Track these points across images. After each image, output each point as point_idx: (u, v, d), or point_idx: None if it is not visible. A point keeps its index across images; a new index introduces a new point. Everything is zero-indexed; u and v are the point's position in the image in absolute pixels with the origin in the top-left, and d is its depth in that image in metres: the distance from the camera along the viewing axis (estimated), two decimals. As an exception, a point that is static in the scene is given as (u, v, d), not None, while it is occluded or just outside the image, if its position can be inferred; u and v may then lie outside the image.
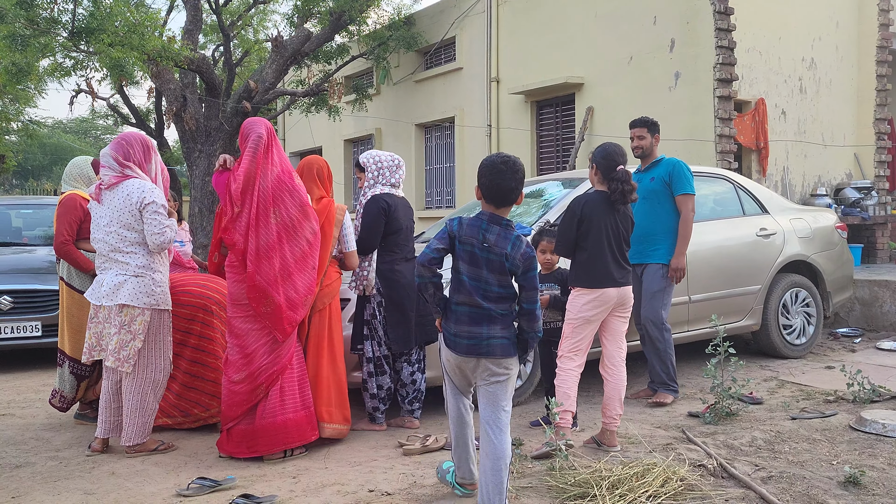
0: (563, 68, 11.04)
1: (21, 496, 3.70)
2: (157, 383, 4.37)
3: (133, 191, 4.25)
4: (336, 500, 3.54)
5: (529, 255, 3.20)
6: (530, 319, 3.23)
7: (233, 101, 11.78)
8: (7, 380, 6.69)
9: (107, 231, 4.29)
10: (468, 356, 3.22)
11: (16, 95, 17.54)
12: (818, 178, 10.79)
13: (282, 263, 4.19)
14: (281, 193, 4.24)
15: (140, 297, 4.26)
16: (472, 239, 3.22)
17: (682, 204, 5.28)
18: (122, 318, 4.25)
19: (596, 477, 3.54)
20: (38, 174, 34.29)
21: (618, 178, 4.15)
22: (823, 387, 5.57)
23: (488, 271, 3.20)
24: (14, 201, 10.30)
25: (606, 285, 4.14)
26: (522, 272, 3.20)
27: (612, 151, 4.24)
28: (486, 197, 3.26)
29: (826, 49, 10.87)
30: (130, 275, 4.26)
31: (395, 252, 4.78)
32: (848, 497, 3.44)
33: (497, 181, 3.21)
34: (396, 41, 13.51)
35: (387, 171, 4.87)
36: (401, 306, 4.71)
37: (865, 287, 8.14)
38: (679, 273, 5.22)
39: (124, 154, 4.34)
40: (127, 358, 4.25)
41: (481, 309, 3.19)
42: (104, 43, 9.39)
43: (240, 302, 4.26)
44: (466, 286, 3.21)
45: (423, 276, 3.25)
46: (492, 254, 3.19)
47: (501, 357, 3.20)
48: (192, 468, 4.11)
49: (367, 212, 4.75)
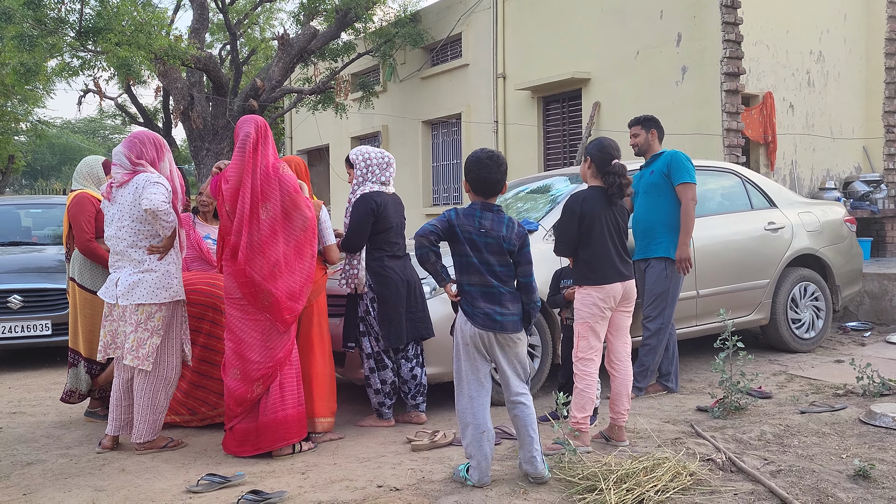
0: (570, 64, 11.02)
1: (32, 493, 3.73)
2: (168, 381, 4.38)
3: (141, 182, 4.25)
4: (345, 495, 3.55)
5: (523, 234, 3.63)
6: (528, 292, 3.66)
7: (240, 99, 11.81)
8: (17, 378, 6.73)
9: (119, 226, 4.29)
10: (484, 329, 3.56)
11: (24, 96, 17.66)
12: (827, 172, 10.74)
13: (276, 257, 4.19)
14: (268, 187, 4.23)
15: (157, 293, 4.26)
16: (469, 227, 3.58)
17: (682, 193, 5.25)
18: (139, 317, 4.25)
19: (604, 470, 3.54)
20: (47, 174, 34.48)
21: (614, 171, 4.12)
22: (833, 381, 5.56)
23: (488, 253, 3.57)
24: (23, 201, 10.36)
25: (613, 280, 4.13)
26: (518, 249, 3.61)
27: (607, 145, 4.21)
28: (475, 189, 3.66)
29: (834, 42, 10.81)
30: (145, 272, 4.26)
31: (385, 249, 4.78)
32: (857, 490, 3.42)
33: (484, 174, 3.61)
34: (402, 38, 13.52)
35: (376, 168, 4.86)
36: (392, 303, 4.71)
37: (875, 281, 8.10)
38: (684, 264, 5.20)
39: (137, 153, 4.34)
40: (147, 356, 4.25)
41: (491, 287, 3.57)
42: (111, 42, 9.44)
43: (233, 296, 4.26)
44: (476, 266, 3.57)
45: (423, 245, 3.56)
46: (489, 238, 3.57)
47: (512, 332, 3.60)
48: (202, 465, 4.12)
49: (355, 210, 4.75)
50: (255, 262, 4.16)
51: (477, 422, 3.59)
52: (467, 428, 3.61)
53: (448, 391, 5.28)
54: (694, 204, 5.26)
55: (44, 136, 21.59)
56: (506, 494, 3.48)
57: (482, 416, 3.60)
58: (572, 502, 3.35)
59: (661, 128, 5.54)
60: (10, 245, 8.17)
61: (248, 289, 4.17)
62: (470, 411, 3.61)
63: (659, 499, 3.33)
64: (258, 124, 4.33)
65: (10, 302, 6.88)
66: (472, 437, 3.59)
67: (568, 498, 3.42)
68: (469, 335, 3.59)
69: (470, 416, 3.60)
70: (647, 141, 5.47)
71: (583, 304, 4.18)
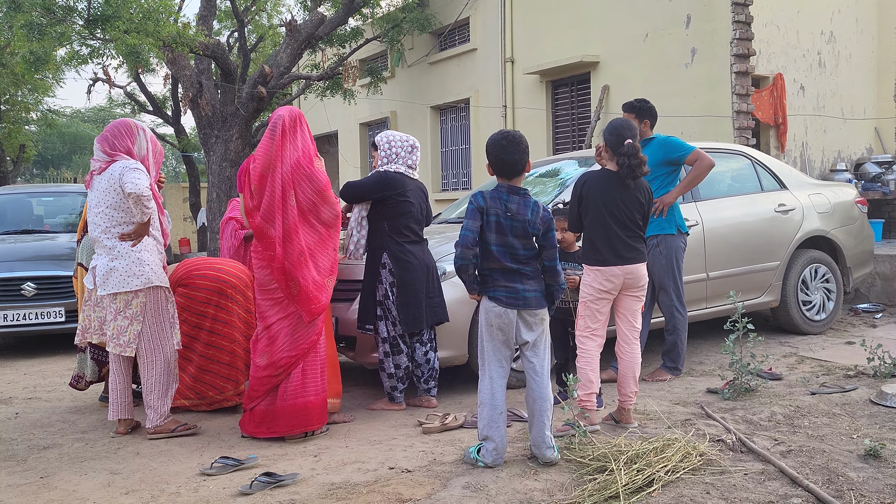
0: (578, 47, 10.96)
1: (49, 476, 3.78)
2: (168, 364, 4.42)
3: (116, 169, 4.29)
4: (357, 477, 3.59)
5: (548, 218, 3.67)
6: (553, 275, 3.70)
7: (248, 86, 11.81)
8: (32, 365, 6.80)
9: (95, 213, 4.35)
10: (508, 307, 3.61)
11: (34, 85, 17.70)
12: (838, 154, 10.68)
13: (301, 246, 4.23)
14: (298, 178, 4.27)
15: (129, 281, 4.28)
16: (496, 210, 3.61)
17: (698, 160, 5.24)
18: (118, 305, 4.31)
19: (614, 451, 3.56)
20: (58, 163, 34.59)
21: (624, 152, 4.12)
22: (843, 362, 5.55)
23: (513, 237, 3.61)
24: (35, 189, 10.42)
25: (611, 263, 4.13)
26: (543, 233, 3.65)
27: (620, 126, 4.21)
28: (497, 171, 3.70)
29: (845, 22, 10.71)
30: (116, 258, 4.29)
31: (405, 234, 4.79)
32: (868, 470, 3.43)
33: (503, 156, 3.65)
34: (410, 23, 13.47)
35: (400, 149, 4.88)
36: (412, 287, 4.73)
37: (886, 262, 8.06)
38: (661, 205, 5.16)
39: (110, 145, 4.40)
40: (128, 343, 4.31)
41: (511, 269, 3.62)
42: (119, 30, 9.44)
43: (266, 287, 4.30)
44: (494, 254, 3.61)
45: (467, 257, 3.60)
46: (515, 221, 3.61)
47: (536, 308, 3.66)
48: (215, 448, 4.17)
49: (371, 176, 4.84)
50: (287, 250, 4.20)
51: (494, 402, 3.64)
52: (484, 408, 3.64)
53: (458, 374, 5.33)
54: (711, 168, 5.27)
55: (54, 126, 21.63)
56: (516, 475, 3.51)
57: (500, 397, 3.65)
58: (583, 482, 3.38)
59: (653, 114, 5.45)
60: (23, 233, 8.24)
61: (280, 274, 4.20)
62: (489, 391, 3.65)
63: (669, 479, 3.35)
64: (292, 111, 4.38)
65: (24, 289, 6.95)
66: (489, 418, 3.62)
67: (578, 478, 3.44)
68: (494, 315, 3.62)
69: (488, 395, 3.64)
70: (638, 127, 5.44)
71: (584, 284, 4.25)
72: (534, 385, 3.69)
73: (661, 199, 5.16)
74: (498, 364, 3.67)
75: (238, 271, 5.00)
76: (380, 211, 4.80)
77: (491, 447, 3.61)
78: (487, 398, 3.65)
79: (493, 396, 3.64)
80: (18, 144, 20.19)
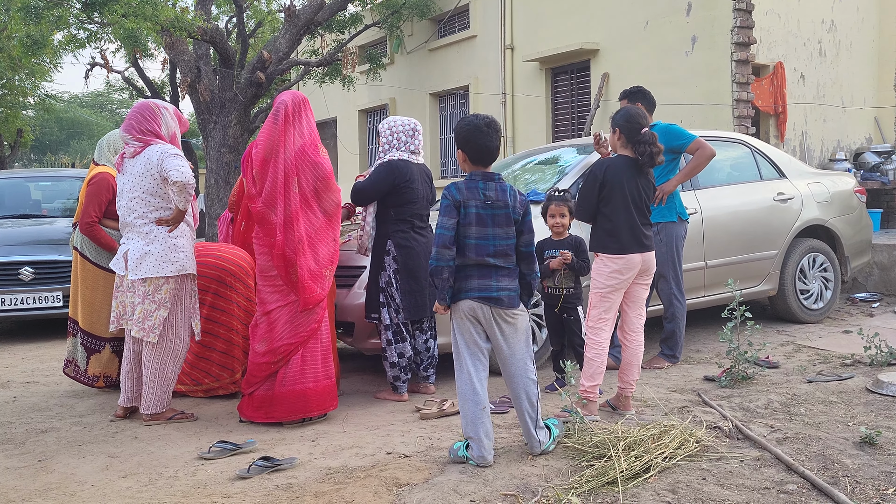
0: (578, 34, 10.92)
1: (48, 459, 3.79)
2: (176, 354, 4.40)
3: (153, 154, 4.25)
4: (354, 461, 3.60)
5: (525, 202, 3.59)
6: (529, 261, 3.58)
7: (247, 71, 11.75)
8: (30, 349, 6.81)
9: (130, 197, 4.30)
10: (481, 303, 3.47)
11: (31, 69, 17.61)
12: (837, 143, 10.66)
13: (300, 233, 4.21)
14: (303, 165, 4.25)
15: (164, 267, 4.26)
16: (474, 200, 3.49)
17: (700, 149, 5.23)
18: (147, 288, 4.26)
19: (612, 438, 3.57)
20: (56, 148, 34.48)
21: (644, 140, 4.08)
22: (840, 350, 5.56)
23: (494, 226, 3.49)
24: (33, 174, 10.39)
25: (632, 251, 4.09)
26: (522, 217, 3.55)
27: (634, 114, 4.19)
28: (474, 159, 3.58)
29: (846, 10, 10.67)
30: (152, 244, 4.26)
31: (411, 222, 4.77)
32: (863, 457, 3.45)
33: (485, 142, 3.53)
34: (409, 9, 13.40)
35: (401, 134, 4.84)
36: (415, 274, 4.72)
37: (884, 251, 8.07)
38: (661, 194, 5.15)
39: (139, 131, 4.33)
40: (153, 328, 4.28)
41: (488, 266, 3.48)
42: (117, 14, 9.38)
43: (267, 273, 4.29)
44: (472, 248, 3.47)
45: (444, 258, 3.44)
46: (496, 209, 3.49)
47: (508, 308, 3.51)
48: (213, 433, 4.18)
49: (377, 171, 4.76)
50: (288, 236, 4.19)
51: (477, 398, 3.49)
52: (466, 404, 3.51)
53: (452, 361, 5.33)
54: (712, 157, 5.26)
55: (51, 111, 21.57)
56: (514, 461, 3.52)
57: (481, 391, 3.52)
58: (581, 468, 3.39)
59: (651, 100, 5.44)
60: (21, 218, 8.22)
61: (280, 261, 4.19)
62: (469, 387, 3.51)
63: (666, 465, 3.36)
64: (295, 96, 4.35)
65: (22, 274, 6.94)
66: (472, 415, 3.48)
67: (577, 464, 3.45)
68: (465, 310, 3.50)
69: (469, 391, 3.51)
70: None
71: (598, 273, 4.14)
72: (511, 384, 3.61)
73: (661, 188, 5.15)
74: (475, 358, 3.53)
75: (239, 259, 4.97)
76: (386, 199, 4.77)
77: (477, 448, 3.46)
78: (469, 394, 3.51)
79: (474, 392, 3.50)
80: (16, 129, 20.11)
